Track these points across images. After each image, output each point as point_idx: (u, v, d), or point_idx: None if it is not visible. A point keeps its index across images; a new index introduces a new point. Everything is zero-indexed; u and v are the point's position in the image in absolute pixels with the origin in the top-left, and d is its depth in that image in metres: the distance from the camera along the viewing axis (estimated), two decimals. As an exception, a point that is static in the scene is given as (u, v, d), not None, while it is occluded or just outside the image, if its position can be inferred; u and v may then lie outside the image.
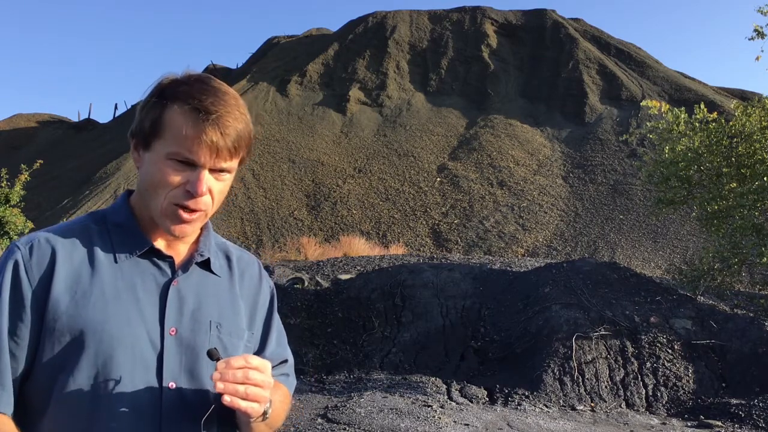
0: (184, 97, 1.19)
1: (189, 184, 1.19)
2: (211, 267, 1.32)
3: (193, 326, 1.24)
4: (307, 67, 38.13)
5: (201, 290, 1.28)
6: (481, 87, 36.15)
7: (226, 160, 1.21)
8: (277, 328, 1.43)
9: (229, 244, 1.43)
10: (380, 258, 13.36)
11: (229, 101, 1.22)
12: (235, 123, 1.21)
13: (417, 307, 9.00)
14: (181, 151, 1.18)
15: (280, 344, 1.42)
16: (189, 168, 1.19)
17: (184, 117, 1.18)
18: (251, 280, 1.40)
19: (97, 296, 1.18)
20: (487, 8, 41.06)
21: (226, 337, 1.27)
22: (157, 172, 1.21)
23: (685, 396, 6.98)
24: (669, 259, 20.70)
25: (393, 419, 5.67)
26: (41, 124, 46.77)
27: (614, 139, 30.09)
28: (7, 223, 10.89)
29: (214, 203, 1.25)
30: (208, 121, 1.17)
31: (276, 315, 1.44)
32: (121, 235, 1.26)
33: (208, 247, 1.33)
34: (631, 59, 36.93)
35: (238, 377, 1.11)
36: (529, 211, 26.27)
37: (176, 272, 1.26)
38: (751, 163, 8.88)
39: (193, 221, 1.24)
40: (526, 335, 7.98)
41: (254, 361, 1.14)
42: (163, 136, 1.20)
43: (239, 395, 1.11)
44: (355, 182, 28.98)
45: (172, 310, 1.23)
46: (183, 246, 1.31)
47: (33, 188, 14.36)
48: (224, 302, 1.31)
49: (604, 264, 10.10)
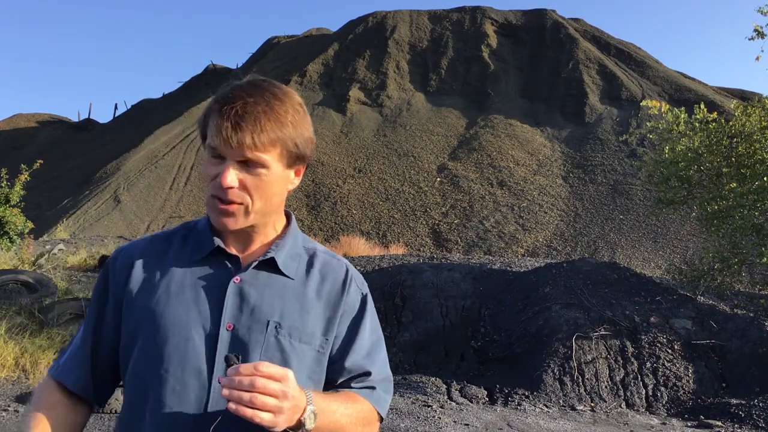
0: (222, 93, 1.26)
1: (218, 177, 1.23)
2: (281, 268, 1.31)
3: (250, 324, 1.25)
4: (307, 67, 38.14)
5: (265, 290, 1.29)
6: (481, 87, 36.15)
7: (246, 152, 1.21)
8: (366, 339, 1.38)
9: (319, 248, 1.42)
10: (380, 258, 13.36)
11: (263, 95, 1.24)
12: (255, 116, 1.21)
13: (417, 307, 9.00)
14: (211, 143, 1.24)
15: (368, 356, 1.37)
16: (222, 161, 1.24)
17: (216, 111, 1.24)
18: (333, 285, 1.36)
19: (162, 292, 1.28)
20: (487, 8, 41.07)
21: (285, 338, 1.26)
22: (204, 166, 1.28)
23: (685, 396, 6.98)
24: (669, 259, 20.70)
25: (393, 419, 5.67)
26: (41, 124, 46.77)
27: (614, 139, 30.09)
28: (7, 223, 10.90)
29: (253, 198, 1.25)
30: (222, 112, 1.21)
31: (367, 325, 1.39)
32: (197, 238, 1.35)
33: (281, 248, 1.33)
34: (631, 59, 36.94)
35: (244, 384, 1.09)
36: (529, 211, 26.27)
37: (240, 270, 1.30)
38: (751, 163, 8.88)
39: (231, 213, 1.25)
40: (526, 335, 7.98)
41: (267, 369, 1.11)
42: (207, 134, 1.27)
43: (243, 402, 1.08)
44: (355, 182, 28.99)
45: (231, 306, 1.26)
46: (256, 247, 1.34)
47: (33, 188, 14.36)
48: (291, 304, 1.30)
49: (604, 264, 10.09)
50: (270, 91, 1.26)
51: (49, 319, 7.40)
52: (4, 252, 10.92)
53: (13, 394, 5.96)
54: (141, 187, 28.99)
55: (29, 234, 12.03)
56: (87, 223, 25.56)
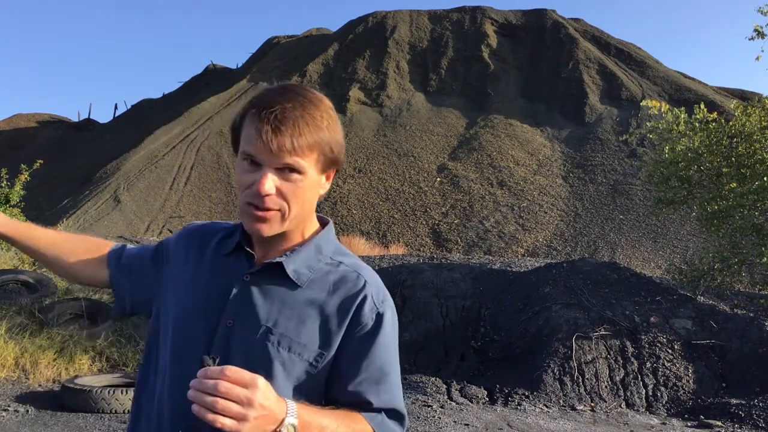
0: (257, 98, 1.25)
1: (255, 184, 1.22)
2: (290, 274, 1.28)
3: (246, 324, 1.26)
4: (307, 67, 38.15)
5: (268, 293, 1.28)
6: (481, 87, 36.16)
7: (286, 157, 1.20)
8: (376, 361, 1.28)
9: (347, 262, 1.35)
10: (380, 258, 13.36)
11: (300, 101, 1.23)
12: (295, 120, 1.20)
13: (417, 307, 9.00)
14: (246, 150, 1.23)
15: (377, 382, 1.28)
16: (258, 168, 1.22)
17: (251, 116, 1.23)
18: (343, 299, 1.29)
19: (181, 285, 1.35)
20: (487, 8, 41.08)
21: (273, 345, 1.23)
22: (237, 173, 1.28)
23: (685, 396, 6.98)
24: (669, 259, 20.70)
25: (393, 419, 5.66)
26: (41, 124, 46.78)
27: (614, 139, 30.10)
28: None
29: (290, 205, 1.23)
30: (262, 117, 1.20)
31: (380, 347, 1.29)
32: (230, 239, 1.38)
33: (295, 255, 1.30)
34: (631, 59, 36.94)
35: (207, 387, 1.06)
36: (529, 211, 26.28)
37: (252, 269, 1.31)
38: (751, 163, 8.88)
39: (267, 220, 1.24)
40: (526, 335, 7.98)
41: (234, 374, 1.08)
42: (240, 139, 1.26)
43: (205, 405, 1.06)
44: (355, 182, 28.99)
45: (234, 303, 1.28)
46: (274, 250, 1.32)
47: (33, 188, 14.36)
48: (290, 312, 1.26)
49: (604, 264, 10.09)
50: (305, 96, 1.25)
51: (49, 319, 7.40)
52: (4, 252, 10.93)
53: (13, 394, 5.96)
54: (141, 187, 29.00)
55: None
56: (87, 223, 25.57)
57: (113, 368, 7.09)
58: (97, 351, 7.16)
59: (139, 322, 8.06)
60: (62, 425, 5.21)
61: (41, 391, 6.21)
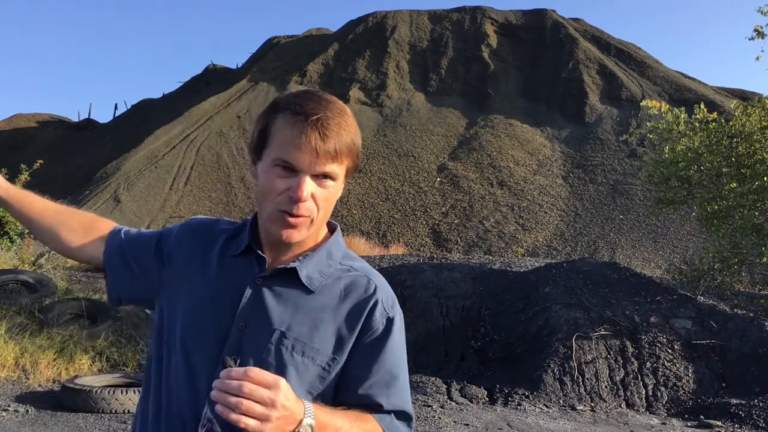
0: (289, 104, 1.23)
1: (291, 190, 1.21)
2: (303, 279, 1.29)
3: (258, 328, 1.25)
4: (307, 67, 38.15)
5: (281, 297, 1.28)
6: (481, 87, 36.15)
7: (327, 164, 1.21)
8: (386, 366, 1.30)
9: (357, 266, 1.36)
10: (380, 258, 13.35)
11: (334, 108, 1.24)
12: (337, 128, 1.21)
13: (417, 307, 9.00)
14: (282, 156, 1.21)
15: (387, 385, 1.30)
16: (293, 174, 1.21)
17: (286, 121, 1.22)
18: (355, 305, 1.31)
19: (189, 287, 1.32)
20: (487, 8, 41.06)
21: (287, 350, 1.24)
22: (265, 179, 1.25)
23: (685, 396, 6.98)
24: (669, 259, 20.69)
25: (393, 419, 5.66)
26: (41, 124, 46.76)
27: (614, 139, 30.10)
28: (7, 223, 10.90)
29: (319, 210, 1.25)
30: (308, 123, 1.19)
31: (389, 352, 1.31)
32: (237, 237, 1.36)
33: (308, 260, 1.30)
34: (631, 59, 36.94)
35: (232, 388, 1.08)
36: (529, 211, 26.27)
37: (263, 272, 1.30)
38: (751, 163, 8.88)
39: (299, 226, 1.24)
40: (526, 335, 7.98)
41: (258, 375, 1.10)
42: (269, 144, 1.24)
43: (229, 406, 1.07)
44: (355, 182, 28.98)
45: (246, 306, 1.27)
46: (287, 254, 1.32)
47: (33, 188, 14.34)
48: (303, 317, 1.27)
49: (604, 264, 10.09)
50: (336, 103, 1.26)
51: (49, 319, 7.40)
52: (4, 252, 10.92)
53: (13, 394, 5.96)
54: (141, 187, 29.00)
55: (29, 234, 12.03)
56: (87, 223, 25.54)
57: (113, 368, 7.09)
58: (97, 351, 7.16)
59: (139, 322, 8.06)
60: (62, 425, 5.21)
61: (41, 391, 6.21)
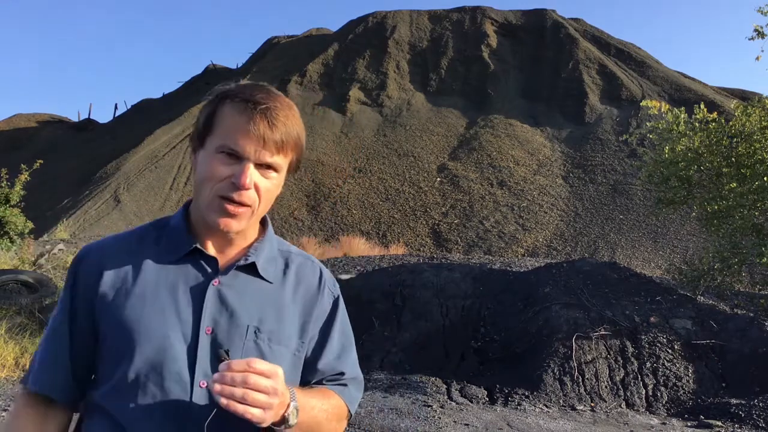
0: (237, 92, 1.24)
1: (234, 177, 1.20)
2: (260, 272, 1.31)
3: (229, 328, 1.24)
4: (307, 67, 38.13)
5: (244, 293, 1.28)
6: (481, 87, 36.15)
7: (272, 154, 1.22)
8: (337, 340, 1.39)
9: (294, 250, 1.41)
10: (380, 258, 13.36)
11: (283, 101, 1.25)
12: (285, 119, 1.22)
13: (417, 307, 9.00)
14: (228, 143, 1.21)
15: (340, 356, 1.39)
16: (236, 161, 1.21)
17: (234, 109, 1.22)
18: (308, 288, 1.37)
19: (137, 295, 1.24)
20: (487, 8, 41.06)
21: (264, 342, 1.26)
22: (206, 166, 1.23)
23: (685, 396, 6.98)
24: (669, 259, 20.69)
25: (393, 419, 5.67)
26: (41, 124, 46.75)
27: (614, 139, 30.09)
28: (7, 223, 10.90)
29: (261, 201, 1.25)
30: (257, 111, 1.20)
31: (339, 326, 1.40)
32: (172, 238, 1.30)
33: (260, 252, 1.32)
34: (631, 59, 36.93)
35: (237, 380, 1.09)
36: (529, 211, 26.27)
37: (219, 273, 1.27)
38: (751, 163, 8.87)
39: (238, 215, 1.23)
40: (526, 335, 7.98)
41: (259, 365, 1.12)
42: (214, 131, 1.24)
43: (236, 398, 1.09)
44: (355, 182, 28.98)
45: (210, 309, 1.24)
46: (234, 250, 1.32)
47: (33, 188, 14.37)
48: (269, 308, 1.29)
49: (604, 264, 10.09)
50: (283, 97, 1.27)
51: (48, 319, 7.40)
52: (4, 252, 10.92)
53: (13, 394, 5.96)
54: (141, 187, 28.99)
55: (29, 234, 12.04)
56: (87, 223, 25.56)
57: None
58: (97, 351, 7.15)
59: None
60: (62, 425, 5.19)
61: (41, 391, 6.20)
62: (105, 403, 1.24)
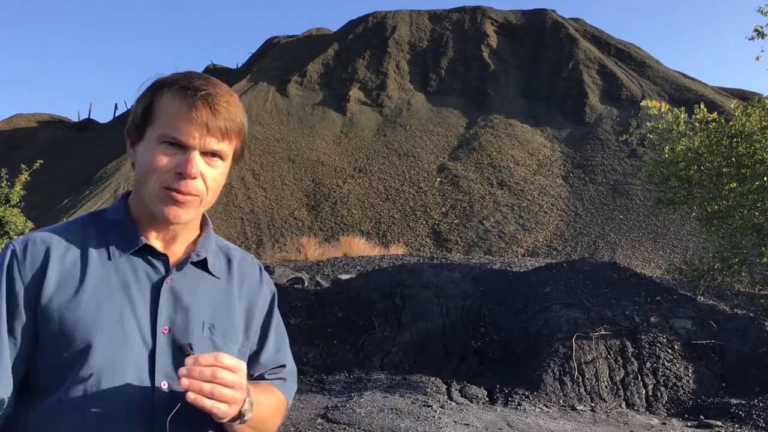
0: (175, 80, 1.19)
1: (179, 167, 1.16)
2: (209, 268, 1.29)
3: (186, 326, 1.21)
4: (307, 67, 38.12)
5: (196, 290, 1.25)
6: (481, 87, 36.14)
7: (217, 140, 1.18)
8: (276, 334, 1.39)
9: (231, 246, 1.40)
10: (380, 258, 13.36)
11: (223, 87, 1.21)
12: (227, 105, 1.19)
13: (417, 307, 9.00)
14: (170, 132, 1.16)
15: (279, 350, 1.39)
16: (180, 150, 1.17)
17: (174, 97, 1.17)
18: (251, 283, 1.37)
19: (89, 294, 1.16)
20: (487, 8, 41.05)
21: (219, 339, 1.25)
22: (148, 157, 1.18)
23: (685, 396, 6.98)
24: (669, 259, 20.69)
25: (393, 419, 5.66)
26: (41, 124, 46.74)
27: (614, 139, 30.09)
28: (7, 223, 10.89)
29: (208, 191, 1.21)
30: (198, 98, 1.16)
31: (276, 320, 1.41)
32: (117, 234, 1.24)
33: (207, 248, 1.30)
34: (631, 59, 36.93)
35: (206, 375, 1.07)
36: (529, 211, 26.26)
37: (170, 270, 1.23)
38: (751, 163, 8.87)
39: (186, 204, 1.19)
40: (526, 335, 7.98)
41: (226, 360, 1.10)
42: (154, 122, 1.19)
43: (204, 393, 1.07)
44: (355, 182, 28.97)
45: (165, 308, 1.20)
46: (180, 245, 1.28)
47: (33, 188, 14.37)
48: (220, 304, 1.28)
49: (604, 264, 10.09)
50: (221, 83, 1.23)
51: None
52: (4, 252, 10.90)
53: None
54: (141, 187, 28.99)
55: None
56: (87, 223, 25.55)
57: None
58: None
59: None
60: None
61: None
62: (50, 417, 1.13)
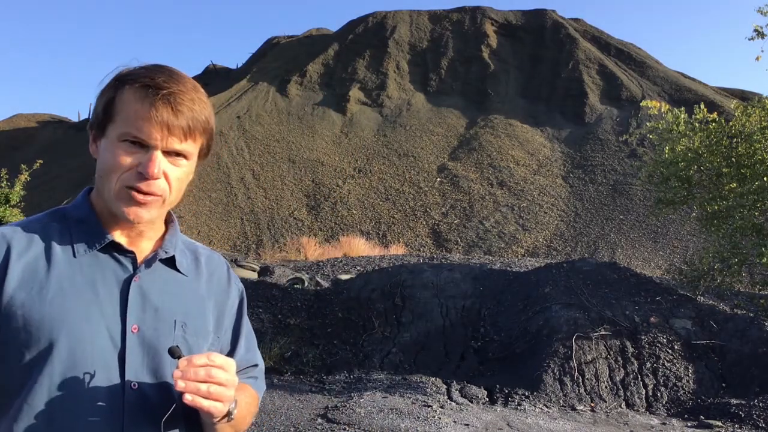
0: (138, 76, 1.16)
1: (141, 166, 1.13)
2: (177, 265, 1.26)
3: (156, 325, 1.18)
4: (307, 67, 38.12)
5: (165, 288, 1.22)
6: (481, 87, 36.15)
7: (180, 140, 1.15)
8: (246, 332, 1.38)
9: (197, 244, 1.37)
10: (380, 258, 13.36)
11: (186, 83, 1.18)
12: (190, 103, 1.16)
13: (417, 307, 9.00)
14: (131, 131, 1.13)
15: (249, 349, 1.38)
16: (142, 149, 1.14)
17: (135, 95, 1.14)
18: (220, 281, 1.34)
19: (55, 292, 1.13)
20: (487, 8, 41.06)
21: (192, 337, 1.22)
22: (109, 155, 1.16)
23: (685, 396, 6.98)
24: (669, 259, 20.69)
25: (393, 419, 5.66)
26: (41, 124, 46.75)
27: (614, 139, 30.09)
28: (7, 224, 10.88)
29: (171, 190, 1.18)
30: (159, 96, 1.13)
31: (246, 319, 1.39)
32: (81, 230, 1.21)
33: (174, 245, 1.27)
34: (631, 59, 36.94)
35: (200, 375, 1.07)
36: (529, 211, 26.27)
37: (138, 268, 1.20)
38: (751, 163, 8.87)
39: (148, 204, 1.16)
40: (526, 335, 7.98)
41: (218, 359, 1.09)
42: (115, 119, 1.16)
43: (201, 394, 1.06)
44: (355, 182, 28.97)
45: (134, 307, 1.17)
46: (147, 243, 1.25)
47: (33, 188, 14.38)
48: (190, 302, 1.25)
49: (604, 264, 10.09)
50: (187, 79, 1.20)
51: None
52: (4, 252, 10.90)
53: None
54: (141, 187, 29.00)
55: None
56: (87, 223, 25.55)
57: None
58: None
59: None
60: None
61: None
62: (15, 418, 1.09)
